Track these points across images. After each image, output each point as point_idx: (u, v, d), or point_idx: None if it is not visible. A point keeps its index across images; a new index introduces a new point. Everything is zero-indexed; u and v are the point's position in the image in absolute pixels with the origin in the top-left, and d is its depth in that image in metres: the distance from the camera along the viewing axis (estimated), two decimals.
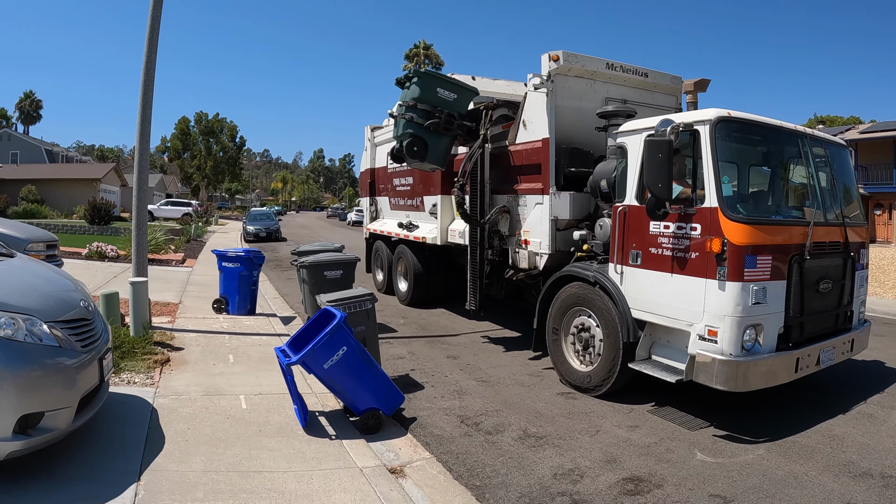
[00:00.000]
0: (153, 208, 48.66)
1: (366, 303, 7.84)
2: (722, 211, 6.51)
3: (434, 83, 10.34)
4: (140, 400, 6.82)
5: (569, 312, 8.40)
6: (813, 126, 61.08)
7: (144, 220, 10.68)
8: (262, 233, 38.55)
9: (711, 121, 6.75)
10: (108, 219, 33.93)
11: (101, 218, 33.13)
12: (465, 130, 10.50)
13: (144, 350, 8.64)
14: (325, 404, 7.17)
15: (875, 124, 48.00)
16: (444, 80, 10.58)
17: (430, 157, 10.44)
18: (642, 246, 7.35)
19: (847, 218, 8.07)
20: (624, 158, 7.77)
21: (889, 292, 21.15)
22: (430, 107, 10.13)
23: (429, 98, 10.14)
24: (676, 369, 6.98)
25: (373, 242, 17.08)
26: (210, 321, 11.44)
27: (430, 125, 10.10)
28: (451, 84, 10.48)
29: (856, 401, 8.07)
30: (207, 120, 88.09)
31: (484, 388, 8.36)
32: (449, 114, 10.19)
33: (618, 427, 6.97)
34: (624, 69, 9.96)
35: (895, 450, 6.52)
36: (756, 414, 7.42)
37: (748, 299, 6.43)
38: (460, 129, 10.43)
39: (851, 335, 8.04)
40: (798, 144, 7.71)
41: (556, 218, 9.10)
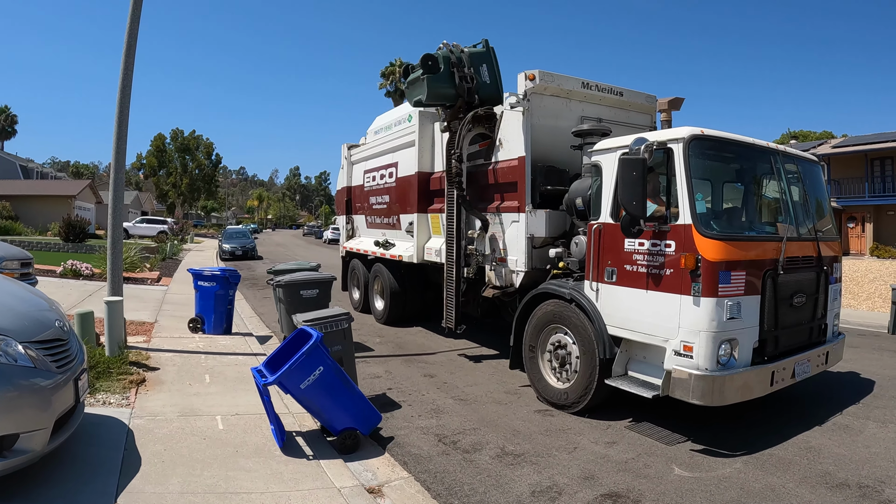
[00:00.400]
0: (128, 226, 48.44)
1: (342, 322, 7.82)
2: (696, 228, 6.58)
3: (485, 60, 10.62)
4: (116, 421, 6.74)
5: (545, 330, 8.43)
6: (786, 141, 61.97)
7: (119, 238, 10.65)
8: (238, 251, 38.30)
9: (685, 139, 6.83)
10: (83, 236, 33.66)
11: (75, 235, 32.87)
12: (465, 107, 10.45)
13: (120, 370, 8.57)
14: (303, 424, 7.13)
15: (847, 139, 48.67)
16: (493, 67, 10.72)
17: (431, 84, 10.31)
18: (617, 263, 7.40)
19: (820, 232, 8.21)
20: (599, 176, 7.84)
21: (863, 304, 21.47)
22: (468, 66, 10.36)
23: (473, 62, 10.42)
24: (653, 385, 7.02)
25: (349, 261, 17.08)
26: (186, 341, 11.37)
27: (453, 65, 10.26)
28: (493, 74, 10.63)
29: (832, 412, 8.21)
30: (183, 137, 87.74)
31: (461, 407, 8.34)
32: (472, 79, 10.36)
33: (595, 443, 6.99)
34: (599, 88, 10.06)
35: (871, 460, 6.62)
36: (733, 428, 7.48)
37: (723, 314, 6.49)
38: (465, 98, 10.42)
39: (826, 348, 8.15)
40: (770, 161, 7.82)
41: (532, 236, 9.14)
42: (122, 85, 10.41)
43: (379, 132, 14.95)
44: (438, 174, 11.88)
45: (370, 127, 15.74)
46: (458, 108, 10.39)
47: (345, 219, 17.21)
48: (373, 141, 15.17)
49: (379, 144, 14.56)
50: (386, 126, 14.57)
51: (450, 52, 10.29)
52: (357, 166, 16.25)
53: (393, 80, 63.47)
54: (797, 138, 65.52)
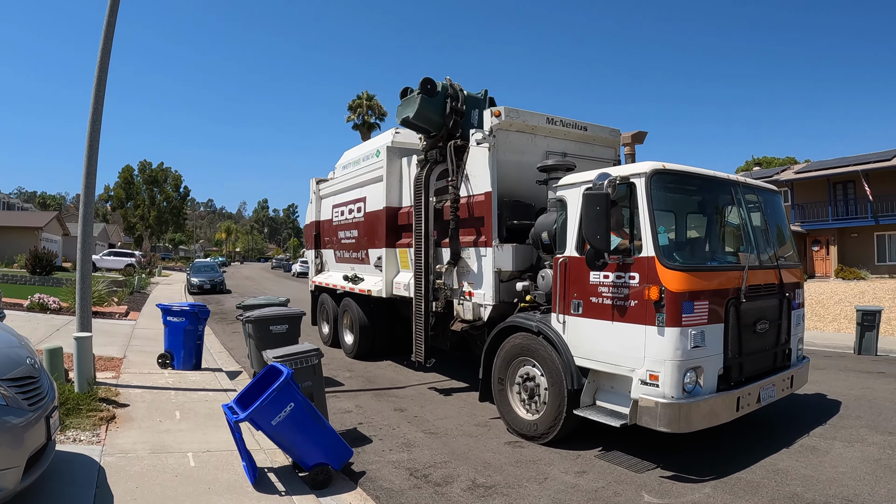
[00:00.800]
0: (96, 259, 47.97)
1: (312, 358, 7.86)
2: (659, 260, 6.74)
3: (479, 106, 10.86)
4: (87, 458, 6.72)
5: (514, 362, 8.52)
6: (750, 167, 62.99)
7: (88, 273, 10.61)
8: (207, 285, 38.10)
9: (647, 173, 7.03)
10: (51, 269, 33.41)
11: (42, 268, 32.64)
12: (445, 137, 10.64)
13: (90, 407, 8.55)
14: (274, 460, 7.15)
15: (810, 164, 49.53)
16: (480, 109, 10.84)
17: (423, 104, 10.44)
18: (583, 295, 7.53)
19: (782, 259, 8.46)
20: (564, 211, 7.99)
21: (829, 326, 21.78)
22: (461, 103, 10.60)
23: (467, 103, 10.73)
24: (621, 414, 7.13)
25: (318, 295, 17.10)
26: (155, 376, 11.32)
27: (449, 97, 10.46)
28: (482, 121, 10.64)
29: (799, 434, 8.41)
30: (151, 169, 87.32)
31: (432, 440, 8.38)
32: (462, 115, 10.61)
33: (565, 473, 7.06)
34: (563, 123, 10.25)
35: (838, 479, 6.79)
36: (701, 453, 7.62)
37: (687, 343, 6.63)
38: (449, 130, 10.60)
39: (791, 372, 8.35)
40: (731, 192, 8.04)
41: (499, 270, 9.26)
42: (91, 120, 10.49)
43: (347, 167, 15.04)
44: (406, 209, 11.99)
45: (338, 161, 15.85)
46: (440, 137, 10.57)
47: (314, 253, 17.24)
48: (341, 176, 15.25)
49: (347, 179, 14.63)
50: (354, 161, 14.66)
51: (450, 85, 10.48)
52: (326, 201, 16.32)
53: (360, 112, 63.57)
54: (761, 165, 66.55)
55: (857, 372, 13.28)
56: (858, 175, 39.46)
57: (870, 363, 14.56)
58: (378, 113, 63.96)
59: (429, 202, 10.47)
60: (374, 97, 63.94)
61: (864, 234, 40.85)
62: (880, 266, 39.84)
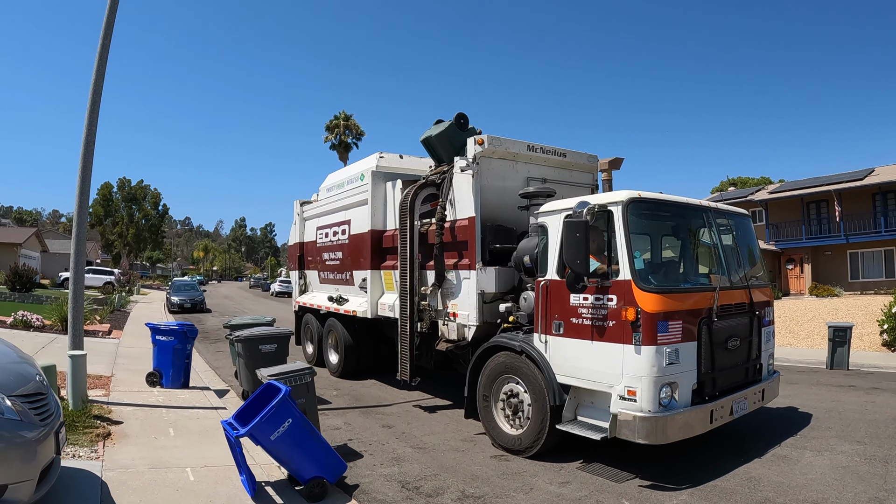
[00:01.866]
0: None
1: (306, 376, 8.15)
2: (635, 283, 7.14)
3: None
4: (88, 473, 6.89)
5: (498, 380, 8.85)
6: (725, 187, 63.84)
7: (81, 291, 10.81)
8: (187, 304, 37.88)
9: (623, 202, 7.45)
10: (31, 286, 33.27)
11: (23, 285, 32.52)
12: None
13: (85, 424, 8.70)
14: (270, 475, 7.35)
15: (784, 184, 50.25)
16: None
17: (449, 132, 10.83)
18: (564, 316, 7.91)
19: (753, 279, 8.93)
20: (545, 236, 8.38)
21: (802, 342, 22.13)
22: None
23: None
24: (601, 427, 7.48)
25: (302, 315, 17.27)
26: (145, 395, 11.49)
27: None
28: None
29: (771, 445, 8.82)
30: (130, 186, 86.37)
31: (420, 455, 8.65)
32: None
33: (550, 484, 7.40)
34: (544, 150, 10.66)
35: (808, 485, 7.22)
36: (678, 463, 7.99)
37: (662, 361, 7.03)
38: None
39: (762, 386, 8.79)
40: (703, 217, 8.51)
41: (482, 291, 9.60)
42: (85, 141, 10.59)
43: (331, 190, 15.29)
44: (391, 232, 12.29)
45: (322, 184, 16.09)
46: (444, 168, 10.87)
47: (297, 274, 17.45)
48: (325, 198, 15.52)
49: (332, 202, 14.92)
50: (338, 184, 14.92)
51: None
52: (310, 222, 16.61)
53: (337, 133, 63.62)
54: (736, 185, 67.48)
55: (828, 386, 13.72)
56: (831, 195, 40.32)
57: (841, 377, 15.00)
58: (355, 133, 64.05)
59: (414, 226, 10.75)
60: (351, 117, 63.99)
61: (837, 253, 41.61)
62: (853, 283, 40.61)
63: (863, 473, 7.67)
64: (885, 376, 15.19)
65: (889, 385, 13.79)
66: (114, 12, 10.93)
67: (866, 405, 11.59)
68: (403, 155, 13.70)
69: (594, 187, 11.37)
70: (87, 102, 10.71)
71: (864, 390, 13.14)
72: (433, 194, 10.98)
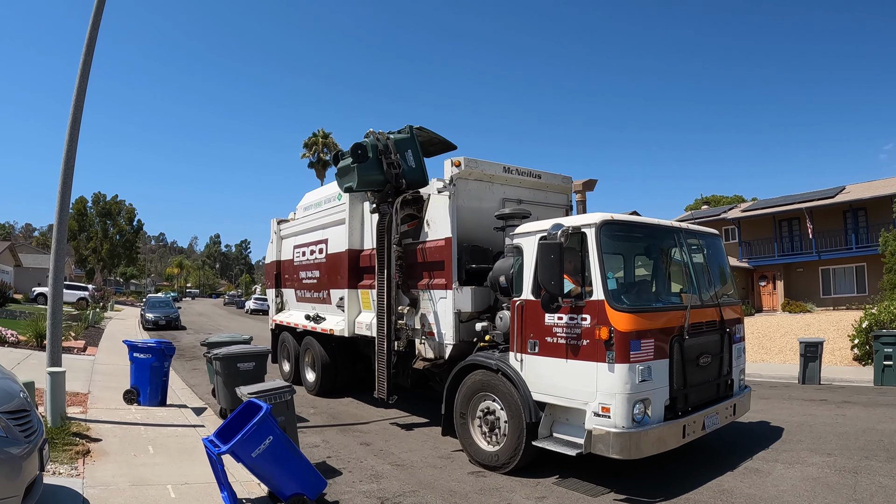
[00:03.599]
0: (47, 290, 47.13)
1: (285, 394, 8.24)
2: (608, 303, 7.32)
3: (409, 146, 11.00)
4: (70, 490, 6.93)
5: (474, 398, 8.99)
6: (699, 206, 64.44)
7: (60, 308, 10.76)
8: (162, 321, 37.60)
9: (596, 224, 7.64)
10: (4, 300, 32.92)
11: None
12: (393, 191, 10.96)
13: (64, 441, 8.71)
14: (251, 492, 7.42)
15: (756, 202, 50.92)
16: (417, 151, 11.13)
17: (361, 172, 10.77)
18: (539, 335, 8.07)
19: (725, 296, 9.17)
20: (520, 257, 8.55)
21: (775, 357, 22.37)
22: (394, 153, 10.75)
23: (398, 148, 10.80)
24: (576, 444, 7.63)
25: (279, 333, 17.24)
26: (123, 412, 11.46)
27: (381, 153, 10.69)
28: (418, 158, 11.07)
29: (743, 458, 9.02)
30: (105, 201, 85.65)
31: (399, 472, 8.73)
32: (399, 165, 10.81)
33: (527, 499, 7.53)
34: (519, 172, 10.85)
35: (779, 497, 7.42)
36: (652, 477, 8.16)
37: (635, 378, 7.20)
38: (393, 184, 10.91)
39: (733, 401, 9.00)
40: (674, 238, 8.73)
41: (459, 311, 9.75)
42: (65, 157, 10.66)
43: (308, 209, 15.40)
44: (368, 251, 12.43)
45: (300, 203, 16.18)
46: (387, 192, 10.94)
47: (274, 292, 17.49)
48: (302, 217, 15.63)
49: (309, 221, 15.04)
50: (315, 203, 15.02)
51: (377, 139, 10.76)
52: (287, 241, 16.68)
53: (315, 150, 63.60)
54: (709, 203, 68.06)
55: (800, 400, 13.99)
56: (803, 212, 40.94)
57: (813, 391, 15.29)
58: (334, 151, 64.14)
59: (391, 246, 10.85)
60: (329, 135, 64.06)
61: (809, 269, 42.19)
62: (825, 299, 41.18)
63: (833, 484, 7.87)
64: (855, 390, 15.50)
65: (859, 399, 14.09)
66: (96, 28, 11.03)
67: (837, 418, 11.83)
68: None
69: (568, 208, 11.56)
70: (69, 118, 10.76)
71: (835, 404, 13.39)
72: (410, 214, 11.07)
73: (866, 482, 7.91)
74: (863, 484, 7.84)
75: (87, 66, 10.96)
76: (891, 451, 9.32)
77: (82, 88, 10.91)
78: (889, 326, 18.44)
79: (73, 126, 10.76)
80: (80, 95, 10.88)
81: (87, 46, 11.00)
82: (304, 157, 64.53)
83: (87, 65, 10.97)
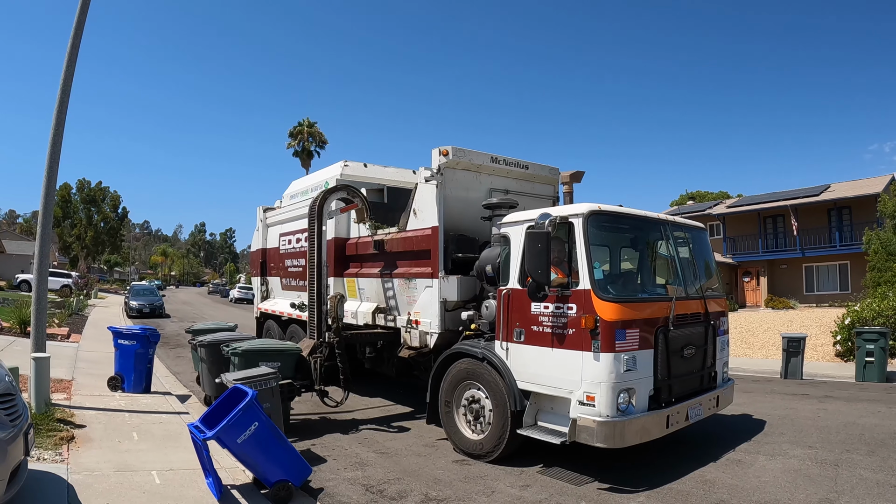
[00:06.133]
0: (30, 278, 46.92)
1: (270, 381, 8.29)
2: (594, 292, 7.35)
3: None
4: (54, 476, 6.91)
5: (459, 386, 9.00)
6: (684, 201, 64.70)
7: (44, 293, 10.73)
8: (146, 308, 37.39)
9: (584, 214, 7.66)
10: None
11: None
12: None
13: (49, 427, 8.69)
14: (236, 478, 7.42)
15: (741, 199, 51.29)
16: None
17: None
18: (525, 324, 8.09)
19: (709, 290, 9.22)
20: (507, 246, 8.55)
21: (758, 352, 22.48)
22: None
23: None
24: (560, 432, 7.67)
25: (264, 322, 17.11)
26: (107, 399, 11.48)
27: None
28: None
29: (725, 449, 9.07)
30: (90, 188, 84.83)
31: (383, 459, 8.75)
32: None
33: (511, 487, 7.56)
34: (507, 162, 10.84)
35: (761, 487, 7.48)
36: (635, 467, 8.22)
37: (620, 367, 7.24)
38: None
39: (717, 392, 9.08)
40: (661, 230, 8.77)
41: (445, 300, 9.73)
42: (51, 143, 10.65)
43: (295, 196, 15.30)
44: (354, 240, 12.43)
45: (286, 191, 16.08)
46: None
47: (260, 280, 17.37)
48: (289, 205, 15.52)
49: (295, 209, 14.87)
50: (303, 191, 14.91)
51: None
52: (273, 229, 16.57)
53: (301, 139, 63.41)
54: (695, 199, 68.36)
55: (782, 394, 14.08)
56: (788, 210, 41.15)
57: (795, 386, 15.38)
58: (318, 140, 63.93)
59: (321, 231, 11.09)
60: (315, 124, 63.82)
61: (792, 266, 42.52)
62: (808, 296, 41.56)
63: (814, 476, 7.94)
64: (837, 385, 15.57)
65: (841, 394, 14.14)
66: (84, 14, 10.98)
67: (818, 412, 11.90)
68: (368, 164, 13.78)
69: (555, 199, 11.58)
70: (55, 106, 10.74)
71: (816, 398, 13.45)
72: (344, 199, 11.40)
73: (847, 474, 7.99)
74: (843, 476, 7.92)
75: (74, 50, 10.93)
76: (871, 445, 9.40)
77: (69, 75, 10.88)
78: (871, 323, 18.53)
79: (60, 112, 10.72)
80: (67, 82, 10.86)
81: (75, 31, 10.96)
82: (289, 146, 64.28)
83: (74, 48, 10.94)
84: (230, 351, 10.09)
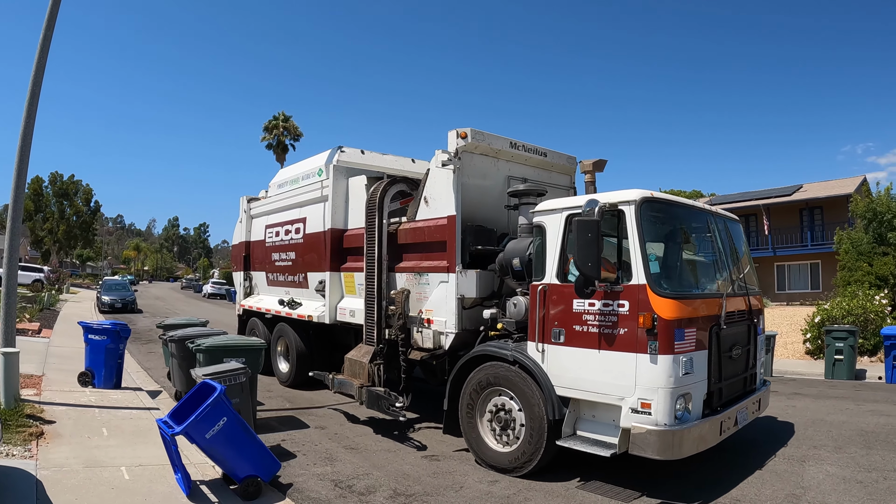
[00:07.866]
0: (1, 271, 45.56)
1: (240, 376, 8.21)
2: (651, 287, 6.64)
3: None
4: (23, 472, 6.84)
5: (484, 393, 8.17)
6: None
7: (14, 287, 10.67)
8: (118, 304, 36.81)
9: (636, 201, 6.94)
10: None
11: None
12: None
13: (18, 423, 8.58)
14: (205, 474, 7.36)
15: (715, 197, 51.51)
16: None
17: None
18: (565, 324, 7.32)
19: (750, 286, 8.63)
20: (541, 237, 7.77)
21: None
22: None
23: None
24: (608, 443, 6.96)
25: (247, 319, 16.15)
26: (77, 394, 11.32)
27: None
28: None
29: (765, 457, 8.56)
30: (62, 181, 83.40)
31: (353, 455, 8.73)
32: None
33: (479, 482, 7.53)
34: (526, 148, 10.07)
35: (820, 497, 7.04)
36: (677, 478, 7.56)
37: (679, 370, 6.55)
38: None
39: (758, 395, 8.52)
40: (707, 221, 8.12)
41: (462, 296, 8.87)
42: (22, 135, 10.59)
43: (283, 185, 14.35)
44: (352, 231, 11.57)
45: (273, 180, 15.15)
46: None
47: (242, 275, 16.42)
48: (276, 195, 14.59)
49: (284, 198, 14.02)
50: (292, 179, 13.94)
51: None
52: (258, 220, 15.64)
53: (276, 133, 62.61)
54: None
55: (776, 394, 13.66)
56: (760, 209, 41.60)
57: None
58: (293, 134, 63.28)
59: (382, 224, 10.07)
60: (290, 118, 63.21)
61: (764, 265, 42.21)
62: (780, 294, 41.90)
63: (781, 472, 7.89)
64: (806, 382, 16.05)
65: (809, 391, 14.48)
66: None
67: (787, 409, 11.87)
68: (365, 151, 12.83)
69: (571, 189, 10.93)
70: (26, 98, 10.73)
71: (785, 395, 13.55)
72: (402, 191, 10.42)
73: (814, 470, 7.98)
74: (810, 472, 7.90)
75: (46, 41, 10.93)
76: (839, 441, 9.44)
77: (41, 66, 10.82)
78: (841, 322, 19.21)
79: (31, 102, 10.67)
80: (39, 73, 10.81)
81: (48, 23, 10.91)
82: (263, 139, 63.43)
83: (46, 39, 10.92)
84: (194, 347, 9.75)
